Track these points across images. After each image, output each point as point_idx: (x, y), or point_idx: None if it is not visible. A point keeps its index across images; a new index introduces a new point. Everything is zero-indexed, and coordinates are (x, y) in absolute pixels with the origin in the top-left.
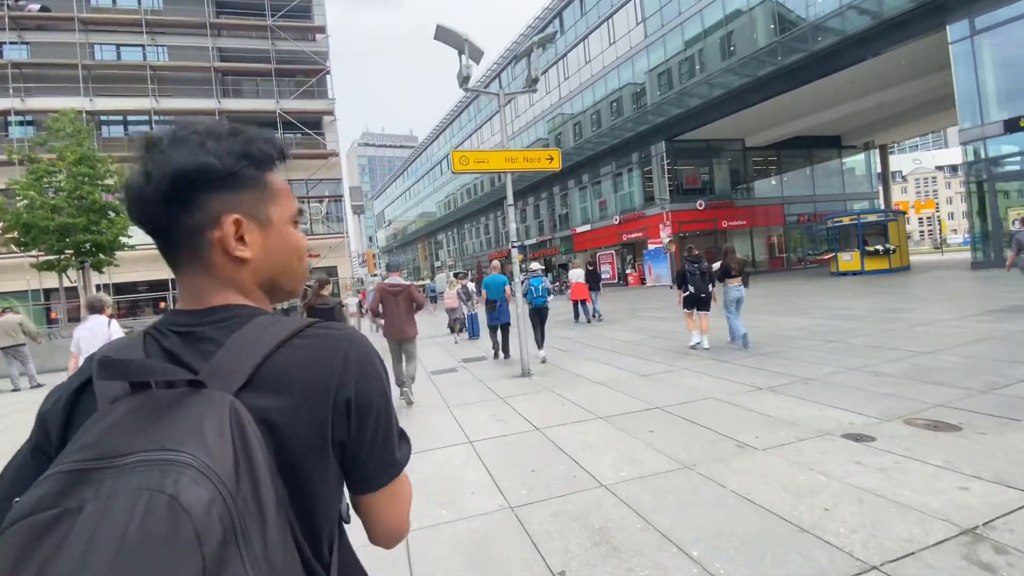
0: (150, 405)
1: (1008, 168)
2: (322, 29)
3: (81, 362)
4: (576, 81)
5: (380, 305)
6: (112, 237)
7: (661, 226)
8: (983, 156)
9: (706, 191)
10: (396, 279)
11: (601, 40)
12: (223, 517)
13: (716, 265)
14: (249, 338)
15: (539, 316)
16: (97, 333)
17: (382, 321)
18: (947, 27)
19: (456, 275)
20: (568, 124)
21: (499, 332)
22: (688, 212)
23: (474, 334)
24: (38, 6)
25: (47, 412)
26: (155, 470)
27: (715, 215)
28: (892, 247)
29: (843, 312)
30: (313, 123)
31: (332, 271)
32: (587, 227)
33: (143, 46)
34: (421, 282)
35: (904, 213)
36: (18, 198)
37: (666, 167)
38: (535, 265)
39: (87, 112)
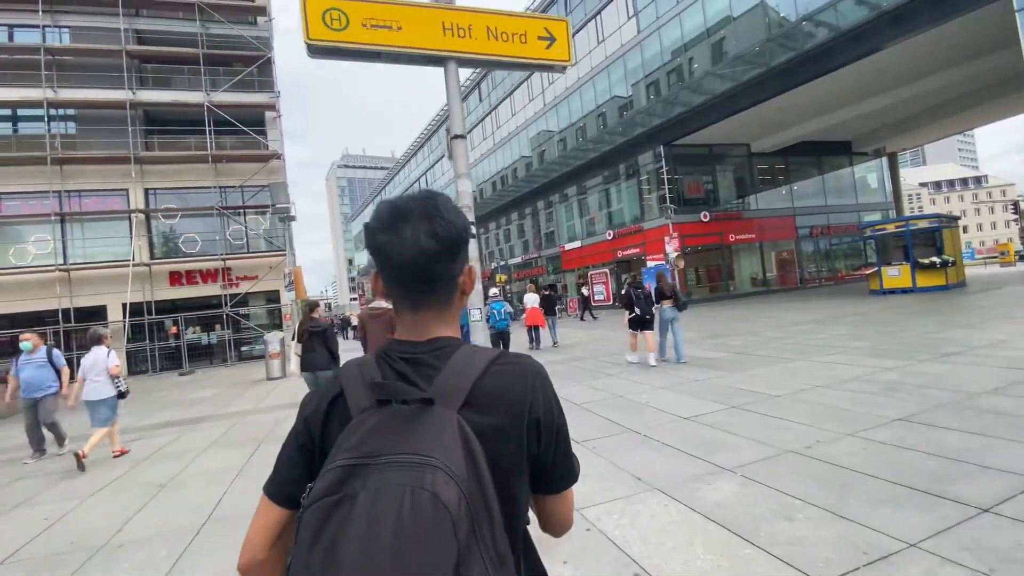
0: (395, 417)
1: None
2: (263, 11)
3: (85, 385)
4: (562, 86)
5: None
6: None
7: (667, 239)
8: None
9: (710, 201)
10: (379, 303)
11: (589, 39)
12: (467, 513)
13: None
14: (460, 364)
15: (501, 339)
16: (98, 360)
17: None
18: None
19: None
20: (553, 139)
21: None
22: (691, 225)
23: None
24: None
25: (311, 415)
26: (412, 470)
27: (721, 228)
28: (950, 259)
29: (1013, 353)
30: (254, 120)
31: (273, 296)
32: (577, 244)
33: (41, 27)
34: None
35: (959, 219)
36: None
37: (665, 175)
38: (493, 291)
39: None
